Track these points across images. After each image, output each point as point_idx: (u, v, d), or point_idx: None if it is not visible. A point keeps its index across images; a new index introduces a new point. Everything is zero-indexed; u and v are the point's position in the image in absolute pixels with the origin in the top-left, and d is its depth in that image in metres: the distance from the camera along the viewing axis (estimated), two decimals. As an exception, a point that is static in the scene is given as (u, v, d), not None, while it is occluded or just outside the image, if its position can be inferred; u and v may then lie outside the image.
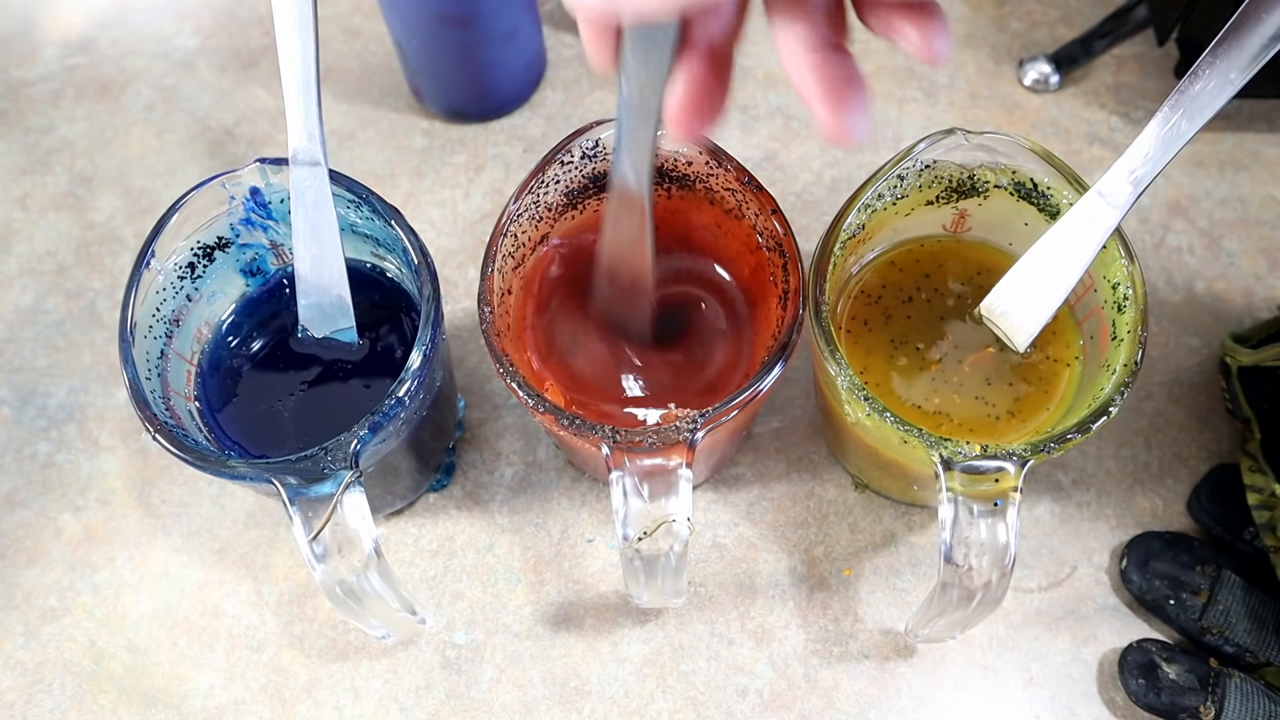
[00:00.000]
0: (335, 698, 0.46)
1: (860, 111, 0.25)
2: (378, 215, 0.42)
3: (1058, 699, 0.46)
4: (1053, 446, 0.36)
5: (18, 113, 0.63)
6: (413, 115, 0.62)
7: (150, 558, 0.50)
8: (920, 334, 0.46)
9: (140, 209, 0.59)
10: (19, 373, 0.55)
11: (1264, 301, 0.54)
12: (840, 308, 0.47)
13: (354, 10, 0.66)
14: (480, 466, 0.51)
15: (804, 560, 0.49)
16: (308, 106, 0.41)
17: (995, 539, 0.36)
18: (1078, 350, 0.45)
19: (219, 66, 0.65)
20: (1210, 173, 0.58)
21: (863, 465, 0.47)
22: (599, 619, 0.48)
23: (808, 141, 0.60)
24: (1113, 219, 0.38)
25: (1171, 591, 0.46)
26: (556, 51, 0.64)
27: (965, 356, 0.45)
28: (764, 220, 0.42)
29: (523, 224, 0.43)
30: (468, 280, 0.56)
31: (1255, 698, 0.42)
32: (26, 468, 0.52)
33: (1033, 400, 0.44)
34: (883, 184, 0.43)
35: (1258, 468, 0.47)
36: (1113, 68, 0.62)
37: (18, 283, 0.57)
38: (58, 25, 0.67)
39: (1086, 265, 0.38)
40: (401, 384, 0.38)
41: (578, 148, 0.43)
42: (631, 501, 0.37)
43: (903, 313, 0.46)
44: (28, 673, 0.47)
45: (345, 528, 0.37)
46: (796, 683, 0.46)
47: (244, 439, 0.44)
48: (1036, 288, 0.40)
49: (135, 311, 0.41)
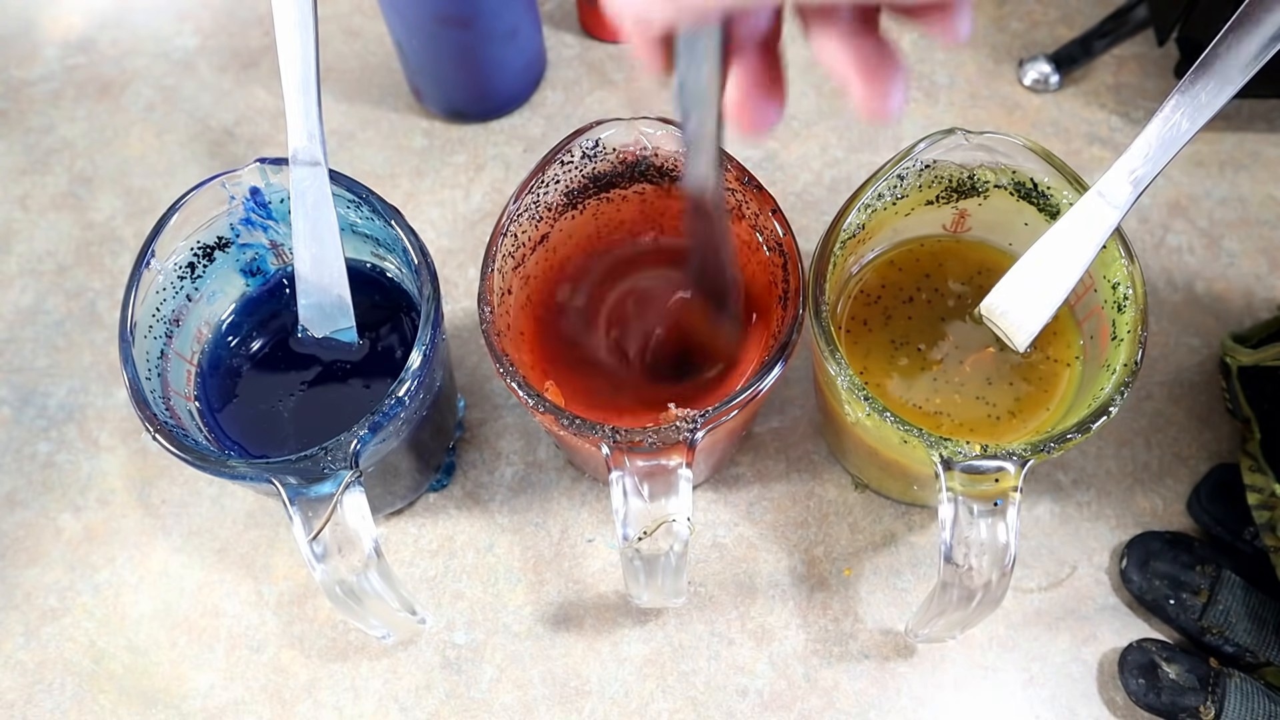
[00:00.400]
0: (335, 698, 0.46)
1: (898, 86, 0.25)
2: (378, 215, 0.42)
3: (1058, 699, 0.46)
4: (1053, 446, 0.36)
5: (18, 113, 0.63)
6: (413, 115, 0.62)
7: (150, 558, 0.50)
8: (920, 334, 0.46)
9: (140, 209, 0.59)
10: (19, 373, 0.55)
11: (1264, 301, 0.54)
12: (840, 308, 0.47)
13: (354, 10, 0.66)
14: (480, 466, 0.51)
15: (804, 560, 0.49)
16: (308, 106, 0.41)
17: (995, 539, 0.36)
18: (1078, 350, 0.45)
19: (219, 66, 0.65)
20: (1210, 172, 0.58)
21: (863, 465, 0.47)
22: (599, 619, 0.48)
23: (808, 141, 0.60)
24: (1113, 219, 0.38)
25: (1171, 591, 0.46)
26: (556, 51, 0.64)
27: (965, 356, 0.45)
28: (764, 220, 0.42)
29: (523, 224, 0.43)
30: (468, 280, 0.56)
31: (1255, 697, 0.42)
32: (26, 468, 0.52)
33: (1033, 400, 0.44)
34: (883, 184, 0.43)
35: (1258, 467, 0.47)
36: (1113, 68, 0.62)
37: (18, 283, 0.57)
38: (58, 25, 0.67)
39: (1086, 265, 0.38)
40: (401, 384, 0.38)
41: (578, 147, 0.43)
42: (631, 501, 0.37)
43: (903, 313, 0.46)
44: (28, 673, 0.47)
45: (345, 528, 0.37)
46: (796, 683, 0.46)
47: (244, 439, 0.44)
48: (1036, 288, 0.40)
49: (135, 311, 0.41)
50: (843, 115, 0.61)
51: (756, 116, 0.27)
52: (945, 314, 0.46)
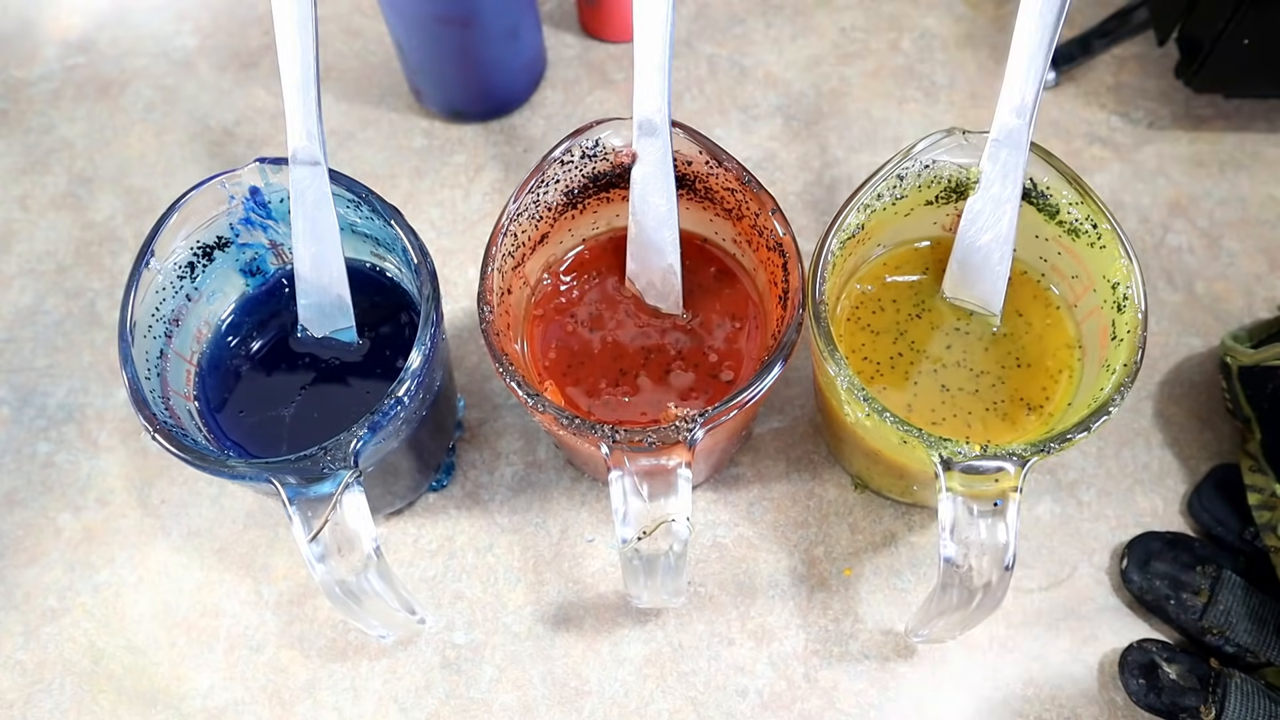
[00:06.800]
0: (335, 698, 0.46)
1: None
2: (377, 215, 0.42)
3: (1058, 699, 0.46)
4: (1053, 446, 0.36)
5: (18, 113, 0.63)
6: (412, 115, 0.62)
7: (150, 558, 0.50)
8: (919, 334, 0.46)
9: (140, 209, 0.59)
10: (19, 373, 0.55)
11: (1264, 301, 0.54)
12: (840, 308, 0.47)
13: (354, 10, 0.66)
14: (480, 466, 0.51)
15: (804, 560, 0.49)
16: (307, 106, 0.41)
17: (995, 539, 0.36)
18: (1078, 350, 0.45)
19: (218, 66, 0.65)
20: (1210, 172, 0.58)
21: (863, 465, 0.47)
22: (599, 619, 0.48)
23: (808, 141, 0.60)
24: (1020, 159, 0.39)
25: (1172, 591, 0.46)
26: (556, 51, 0.64)
27: (964, 356, 0.45)
28: (764, 220, 0.42)
29: (522, 224, 0.43)
30: (467, 280, 0.56)
31: (1256, 698, 0.42)
32: (26, 468, 0.52)
33: (1033, 400, 0.44)
34: (882, 184, 0.43)
35: (1258, 468, 0.47)
36: (1113, 67, 0.62)
37: (17, 282, 0.57)
38: (58, 25, 0.67)
39: (1014, 216, 0.41)
40: (401, 384, 0.38)
41: (577, 147, 0.43)
42: (631, 501, 0.37)
43: (902, 313, 0.46)
44: (27, 673, 0.47)
45: (345, 528, 0.37)
46: (796, 683, 0.46)
47: (243, 439, 0.44)
48: (982, 259, 0.43)
49: (135, 311, 0.41)
50: (843, 115, 0.61)
51: None
52: (944, 314, 0.46)
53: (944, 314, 0.46)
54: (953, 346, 0.45)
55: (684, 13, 0.66)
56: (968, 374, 0.45)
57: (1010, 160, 0.41)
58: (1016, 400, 0.44)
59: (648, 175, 0.43)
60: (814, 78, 0.63)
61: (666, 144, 0.42)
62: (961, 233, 0.44)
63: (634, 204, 0.44)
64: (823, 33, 0.65)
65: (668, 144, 0.42)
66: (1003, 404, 0.44)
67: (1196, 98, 0.61)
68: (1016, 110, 0.40)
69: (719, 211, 0.45)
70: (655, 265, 0.45)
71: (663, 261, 0.45)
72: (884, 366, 0.45)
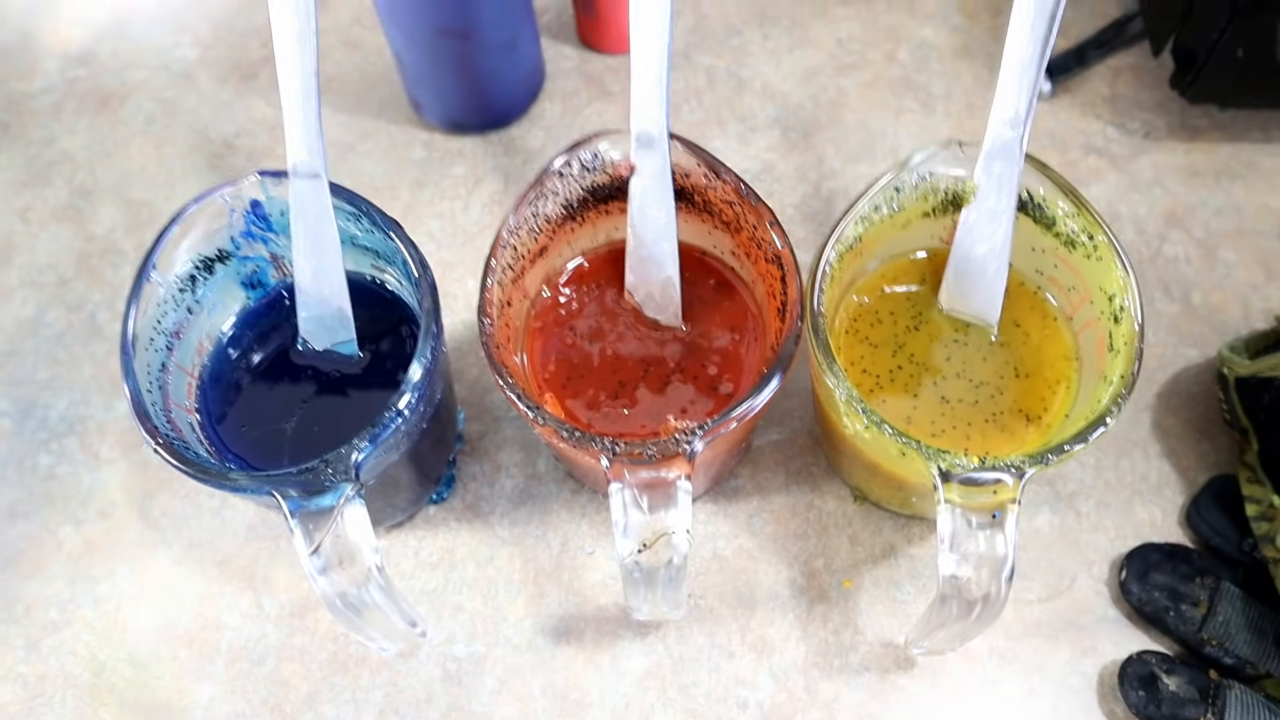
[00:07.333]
0: (336, 710, 0.46)
1: None
2: (377, 228, 0.42)
3: (1058, 711, 0.46)
4: (1051, 458, 0.36)
5: (19, 125, 0.64)
6: (412, 127, 0.62)
7: (151, 570, 0.50)
8: (918, 346, 0.46)
9: (141, 221, 0.60)
10: (20, 385, 0.55)
11: (1261, 312, 0.54)
12: (838, 320, 0.47)
13: (353, 22, 0.67)
14: (480, 479, 0.51)
15: (804, 572, 0.49)
16: (307, 119, 0.41)
17: (994, 550, 0.36)
18: (1075, 362, 0.45)
19: (219, 78, 0.65)
20: (1206, 183, 0.59)
21: (862, 477, 0.47)
22: (599, 631, 0.48)
23: (805, 153, 0.60)
24: (1014, 171, 0.39)
25: (1171, 603, 0.46)
26: (555, 63, 0.64)
27: (962, 368, 0.45)
28: (762, 232, 0.42)
29: (522, 236, 0.43)
30: (467, 292, 0.56)
31: (1255, 709, 0.42)
32: (27, 480, 0.52)
33: (1030, 412, 0.44)
34: (880, 196, 0.43)
35: (1256, 479, 0.47)
36: (1108, 78, 0.62)
37: (18, 295, 0.57)
38: (58, 38, 0.67)
39: (1010, 229, 0.41)
40: (401, 396, 0.38)
41: (576, 160, 0.43)
42: (631, 513, 0.37)
43: (900, 325, 0.46)
44: (28, 686, 0.47)
45: (346, 540, 0.37)
46: (797, 695, 0.46)
47: (245, 451, 0.44)
48: (978, 271, 0.43)
49: (136, 324, 0.41)
50: (840, 126, 0.61)
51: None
52: (942, 326, 0.46)
53: (942, 326, 0.46)
54: (952, 358, 0.45)
55: (681, 24, 0.66)
56: (967, 385, 0.45)
57: (1004, 172, 0.41)
58: (1015, 411, 0.44)
59: (646, 188, 0.43)
60: (811, 89, 0.63)
61: (665, 156, 0.42)
62: (957, 244, 0.44)
63: (633, 216, 0.44)
64: (820, 44, 0.65)
65: (666, 156, 0.42)
66: (1002, 415, 0.44)
67: (1191, 108, 0.61)
68: (1010, 122, 0.40)
69: (717, 224, 0.46)
70: (654, 278, 0.45)
71: (662, 274, 0.45)
72: (883, 379, 0.45)
